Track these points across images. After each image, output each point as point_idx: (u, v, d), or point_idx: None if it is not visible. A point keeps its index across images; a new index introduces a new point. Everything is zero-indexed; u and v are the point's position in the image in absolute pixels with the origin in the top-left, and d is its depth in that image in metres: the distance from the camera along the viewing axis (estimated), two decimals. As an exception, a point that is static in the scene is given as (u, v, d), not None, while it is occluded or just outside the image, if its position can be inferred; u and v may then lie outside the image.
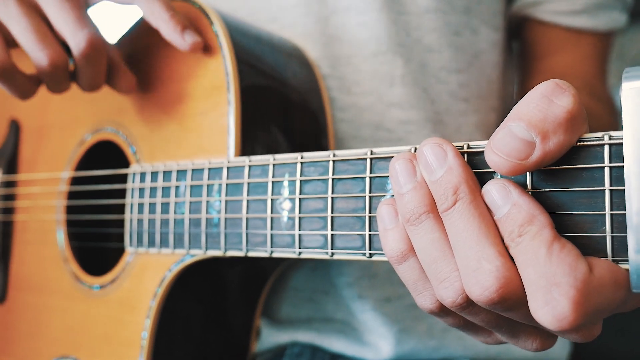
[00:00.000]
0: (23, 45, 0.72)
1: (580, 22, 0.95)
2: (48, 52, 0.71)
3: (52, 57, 0.71)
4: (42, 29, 0.72)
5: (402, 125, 0.87)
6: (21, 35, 0.71)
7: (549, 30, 0.98)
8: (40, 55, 0.71)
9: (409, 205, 0.48)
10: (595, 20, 0.95)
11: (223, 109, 0.70)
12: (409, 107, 0.87)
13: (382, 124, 0.87)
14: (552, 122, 0.42)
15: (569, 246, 0.42)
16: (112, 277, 0.80)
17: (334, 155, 0.57)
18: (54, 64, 0.72)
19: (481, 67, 0.93)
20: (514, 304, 0.44)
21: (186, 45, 0.71)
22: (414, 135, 0.87)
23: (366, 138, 0.86)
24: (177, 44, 0.72)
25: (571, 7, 0.95)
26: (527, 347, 0.50)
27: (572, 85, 0.44)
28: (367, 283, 0.85)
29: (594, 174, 0.43)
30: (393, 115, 0.87)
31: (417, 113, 0.87)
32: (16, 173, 0.99)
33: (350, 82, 0.87)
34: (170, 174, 0.73)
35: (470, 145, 0.49)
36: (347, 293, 0.86)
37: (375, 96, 0.87)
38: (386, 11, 0.86)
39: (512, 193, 0.44)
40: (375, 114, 0.86)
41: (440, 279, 0.47)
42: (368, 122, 0.86)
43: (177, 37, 0.71)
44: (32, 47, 0.71)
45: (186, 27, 0.72)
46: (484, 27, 0.93)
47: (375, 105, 0.86)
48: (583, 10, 0.94)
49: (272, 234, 0.62)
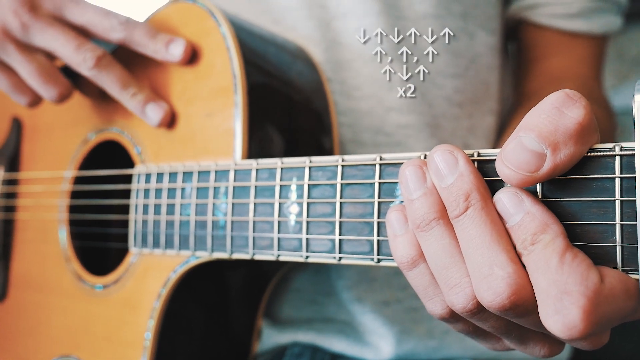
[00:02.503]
0: None
1: (575, 25, 0.96)
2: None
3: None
4: None
5: (401, 129, 0.88)
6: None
7: (545, 33, 0.99)
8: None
9: (419, 212, 0.49)
10: (590, 24, 0.96)
11: (230, 110, 0.70)
12: (407, 112, 0.87)
13: (382, 128, 0.87)
14: (562, 133, 0.43)
15: (580, 255, 0.43)
16: (115, 277, 0.80)
17: (342, 160, 0.57)
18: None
19: (478, 71, 0.93)
20: (525, 310, 0.44)
21: (175, 58, 0.75)
22: (412, 139, 0.88)
23: (366, 142, 0.87)
24: (169, 61, 0.75)
25: (567, 11, 0.96)
26: (535, 353, 0.50)
27: (582, 95, 0.44)
28: (365, 287, 0.86)
29: (605, 184, 0.44)
30: (392, 119, 0.87)
31: (416, 117, 0.88)
32: (18, 171, 0.98)
33: (350, 87, 0.87)
34: (176, 175, 0.73)
35: (481, 153, 0.49)
36: (347, 295, 0.86)
37: (374, 100, 0.87)
38: (384, 16, 0.87)
39: (525, 201, 0.45)
40: (374, 118, 0.87)
41: (450, 285, 0.48)
42: (368, 126, 0.87)
43: (165, 56, 0.75)
44: None
45: (170, 40, 0.75)
46: (480, 31, 0.94)
47: (374, 110, 0.87)
48: (578, 13, 0.96)
49: (279, 237, 0.62)
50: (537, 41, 1.00)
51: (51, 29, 0.75)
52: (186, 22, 0.77)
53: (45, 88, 0.78)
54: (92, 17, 0.76)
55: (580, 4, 0.95)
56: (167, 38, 0.75)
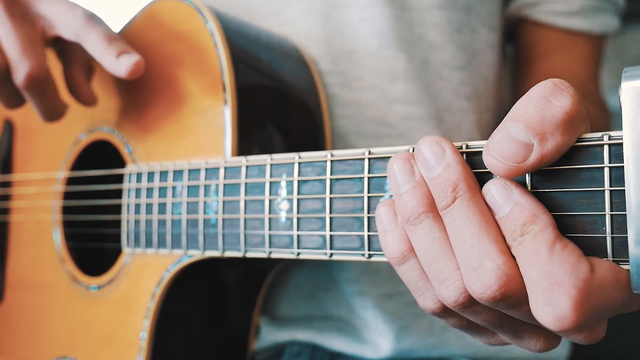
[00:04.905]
0: None
1: (575, 23, 0.96)
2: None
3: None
4: None
5: (404, 121, 0.87)
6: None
7: (545, 31, 0.99)
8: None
9: (407, 205, 0.48)
10: (590, 23, 0.96)
11: (219, 108, 0.70)
12: (412, 103, 0.87)
13: (385, 120, 0.86)
14: (550, 123, 0.42)
15: (570, 246, 0.42)
16: (109, 277, 0.80)
17: (331, 155, 0.57)
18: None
19: (478, 67, 0.93)
20: (516, 302, 0.44)
21: (122, 72, 0.70)
22: (416, 131, 0.87)
23: (368, 134, 0.86)
24: (116, 73, 0.71)
25: (567, 9, 0.96)
26: (531, 347, 0.50)
27: (570, 85, 0.43)
28: (368, 279, 0.85)
29: (594, 174, 0.43)
30: (396, 110, 0.86)
31: (420, 109, 0.87)
32: (11, 173, 0.98)
33: (351, 78, 0.86)
34: (167, 174, 0.72)
35: (469, 145, 0.49)
36: (348, 289, 0.86)
37: (377, 92, 0.86)
38: (389, 6, 0.86)
39: (514, 192, 0.44)
40: (377, 110, 0.86)
41: (441, 278, 0.47)
42: (370, 117, 0.86)
43: (113, 67, 0.71)
44: None
45: (122, 51, 0.71)
46: (482, 27, 0.93)
47: (377, 101, 0.86)
48: (578, 12, 0.96)
49: (270, 234, 0.61)
50: (537, 40, 1.00)
51: None
52: (174, 19, 0.76)
53: (16, 60, 0.72)
54: (53, 7, 0.74)
55: (580, 2, 0.95)
56: (122, 48, 0.71)
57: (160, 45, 0.77)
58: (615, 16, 0.99)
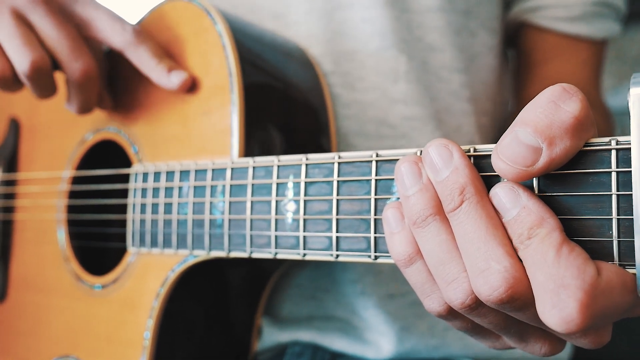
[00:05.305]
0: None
1: (577, 29, 0.97)
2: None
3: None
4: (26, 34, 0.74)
5: (406, 121, 0.87)
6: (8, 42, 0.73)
7: (547, 36, 0.99)
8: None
9: (415, 208, 0.49)
10: (591, 28, 0.97)
11: (226, 109, 0.70)
12: (413, 104, 0.87)
13: (386, 120, 0.87)
14: (558, 127, 0.42)
15: (577, 249, 0.42)
16: (113, 277, 0.80)
17: (339, 157, 0.57)
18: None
19: (478, 70, 0.93)
20: (522, 304, 0.44)
21: (174, 86, 0.74)
22: (417, 132, 0.87)
23: (370, 134, 0.86)
24: (166, 87, 0.75)
25: (569, 14, 0.96)
26: (536, 351, 0.50)
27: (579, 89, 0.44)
28: (371, 279, 0.85)
29: (601, 178, 0.43)
30: (397, 111, 0.87)
31: (421, 110, 0.87)
32: (16, 172, 0.98)
33: (354, 78, 0.87)
34: (173, 174, 0.73)
35: (477, 148, 0.49)
36: (351, 289, 0.86)
37: (379, 92, 0.87)
38: (390, 8, 0.87)
39: (521, 196, 0.45)
40: (379, 110, 0.87)
41: (448, 280, 0.47)
42: (372, 118, 0.86)
43: (165, 82, 0.74)
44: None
45: (172, 67, 0.74)
46: (481, 30, 0.94)
47: (379, 101, 0.87)
48: (580, 17, 0.96)
49: (276, 235, 0.62)
50: (538, 45, 1.00)
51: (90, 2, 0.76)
52: (182, 20, 0.77)
53: (71, 58, 0.75)
54: (101, 15, 0.76)
55: (582, 8, 0.96)
56: (171, 64, 0.75)
57: (168, 45, 0.78)
58: (616, 22, 0.99)
